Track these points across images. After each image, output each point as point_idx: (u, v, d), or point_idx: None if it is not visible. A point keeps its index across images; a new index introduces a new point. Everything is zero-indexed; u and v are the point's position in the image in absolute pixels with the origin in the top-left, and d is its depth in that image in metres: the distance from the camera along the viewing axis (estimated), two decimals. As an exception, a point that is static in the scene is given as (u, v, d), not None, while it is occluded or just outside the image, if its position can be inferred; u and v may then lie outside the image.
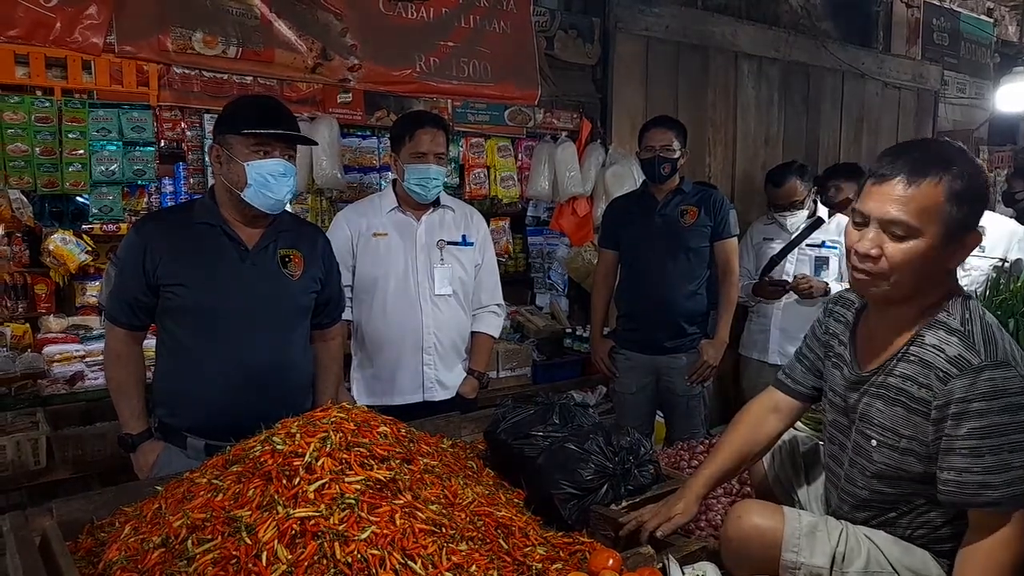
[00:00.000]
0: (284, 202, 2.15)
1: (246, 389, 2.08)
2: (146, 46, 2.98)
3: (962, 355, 1.44)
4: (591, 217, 4.23)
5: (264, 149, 2.06)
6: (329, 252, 2.37)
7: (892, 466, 1.56)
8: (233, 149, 2.05)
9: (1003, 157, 7.35)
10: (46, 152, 2.89)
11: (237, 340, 2.09)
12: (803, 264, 3.75)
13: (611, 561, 1.46)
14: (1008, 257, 3.37)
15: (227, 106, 2.19)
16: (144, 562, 1.38)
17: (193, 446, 2.10)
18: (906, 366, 1.52)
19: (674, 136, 3.30)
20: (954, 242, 1.46)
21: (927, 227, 1.43)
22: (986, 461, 1.40)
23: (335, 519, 1.35)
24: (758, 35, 5.04)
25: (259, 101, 2.28)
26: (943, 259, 1.47)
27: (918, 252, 1.44)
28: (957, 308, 1.51)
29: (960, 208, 1.43)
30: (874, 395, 1.58)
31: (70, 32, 2.82)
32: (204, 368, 2.08)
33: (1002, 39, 7.32)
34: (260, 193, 2.07)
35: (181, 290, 2.07)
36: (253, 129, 2.04)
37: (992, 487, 1.40)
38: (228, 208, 2.13)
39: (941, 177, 1.42)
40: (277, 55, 3.25)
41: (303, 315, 2.26)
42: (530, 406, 2.02)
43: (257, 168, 2.04)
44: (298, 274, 2.20)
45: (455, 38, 3.66)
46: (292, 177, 2.12)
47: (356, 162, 3.74)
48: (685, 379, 3.37)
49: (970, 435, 1.41)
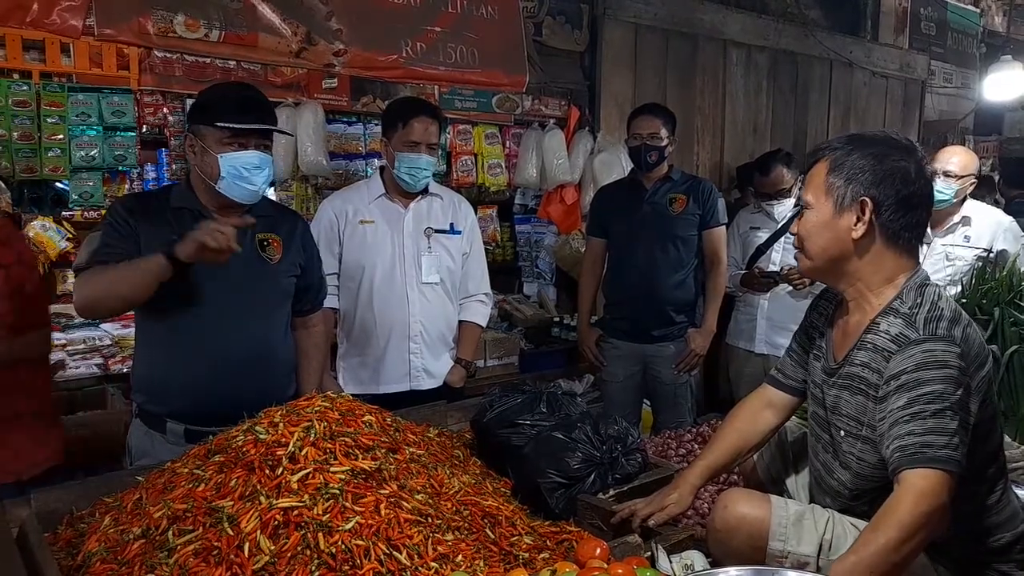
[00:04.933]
0: (260, 192, 2.12)
1: (226, 375, 2.06)
2: (127, 29, 2.92)
3: (902, 332, 1.49)
4: (579, 205, 4.22)
5: (239, 141, 2.02)
6: (309, 238, 2.34)
7: (855, 455, 1.57)
8: (207, 140, 2.02)
9: (988, 147, 7.39)
10: (24, 137, 2.84)
11: (217, 326, 2.06)
12: (790, 253, 3.74)
13: (598, 550, 1.46)
14: (993, 248, 3.38)
15: (201, 95, 2.15)
16: (124, 553, 1.36)
17: (173, 431, 2.07)
18: (863, 354, 1.56)
19: (662, 124, 3.28)
20: (847, 212, 1.55)
21: (817, 199, 1.59)
22: (927, 424, 1.40)
23: (319, 509, 1.33)
24: (747, 23, 5.03)
25: (234, 91, 2.23)
26: (843, 229, 1.56)
27: (811, 221, 1.60)
28: (911, 294, 1.55)
29: (838, 178, 1.56)
30: (841, 386, 1.61)
31: (48, 14, 2.75)
32: (184, 354, 2.05)
33: (989, 29, 7.35)
34: (235, 184, 2.03)
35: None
36: (227, 122, 2.00)
37: (933, 447, 1.39)
38: (204, 195, 2.10)
39: (827, 157, 1.59)
40: (261, 39, 3.19)
41: (283, 300, 2.24)
42: (517, 395, 2.01)
43: (231, 160, 2.01)
44: (277, 258, 2.17)
45: (442, 23, 3.62)
46: (268, 168, 2.08)
47: (341, 148, 3.70)
48: (672, 368, 3.37)
49: (912, 403, 1.42)
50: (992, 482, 1.62)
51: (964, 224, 3.42)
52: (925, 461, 1.39)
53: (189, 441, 1.99)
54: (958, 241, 3.42)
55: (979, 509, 1.60)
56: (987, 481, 1.61)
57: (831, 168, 1.58)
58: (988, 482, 1.61)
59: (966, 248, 3.40)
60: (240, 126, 2.01)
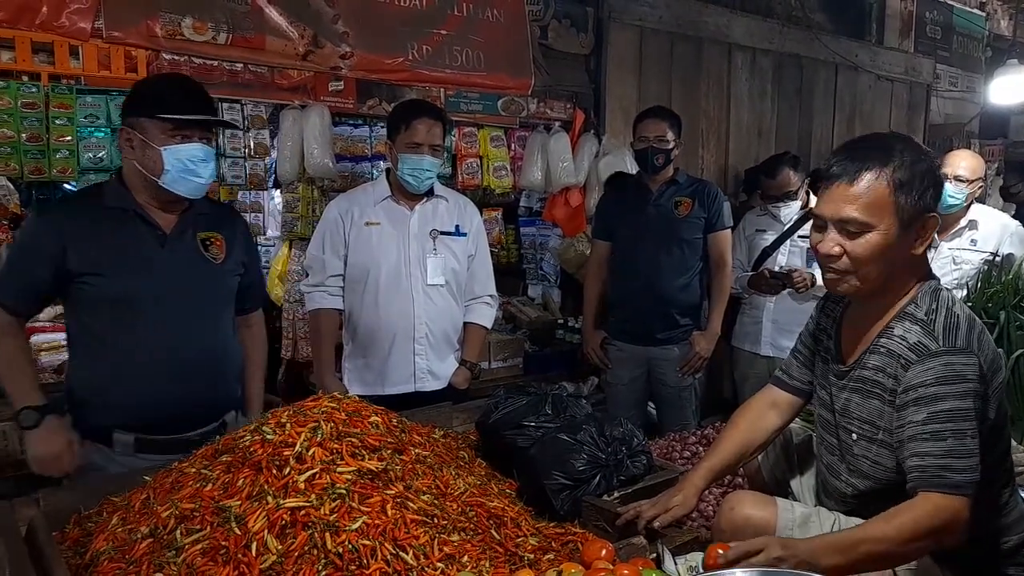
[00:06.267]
0: (207, 186, 2.04)
1: (177, 380, 1.99)
2: (135, 31, 2.93)
3: (921, 342, 1.48)
4: (584, 208, 4.22)
5: (182, 133, 1.94)
6: (249, 235, 2.30)
7: (870, 459, 1.57)
8: (147, 133, 1.93)
9: (994, 151, 7.37)
10: (32, 138, 2.85)
11: (163, 330, 1.98)
12: (795, 256, 3.74)
13: (604, 552, 1.46)
14: (999, 251, 3.37)
15: (137, 86, 2.06)
16: (132, 552, 1.36)
17: (122, 442, 1.97)
18: (877, 358, 1.55)
19: (668, 127, 3.28)
20: (912, 229, 1.49)
21: (879, 220, 1.47)
22: (948, 444, 1.41)
23: (326, 509, 1.34)
24: (752, 26, 5.03)
25: (173, 81, 2.14)
26: (905, 247, 1.50)
27: (876, 244, 1.48)
28: (926, 299, 1.53)
29: (909, 196, 1.47)
30: (852, 390, 1.60)
31: (57, 16, 2.76)
32: (131, 361, 1.96)
33: (994, 33, 7.34)
34: (182, 178, 1.95)
35: (98, 280, 1.94)
36: (169, 113, 1.92)
37: (953, 471, 1.40)
38: (142, 193, 2.00)
39: (882, 170, 1.47)
40: (268, 42, 3.20)
41: (229, 300, 2.17)
42: (522, 397, 2.01)
43: (176, 154, 1.93)
44: (221, 258, 2.11)
45: (448, 26, 3.63)
46: (212, 161, 2.02)
47: (348, 151, 3.71)
48: (677, 371, 3.37)
49: (931, 419, 1.42)
50: (1000, 485, 1.62)
51: (971, 228, 3.42)
52: (945, 486, 1.40)
53: (140, 451, 1.95)
54: (965, 245, 3.42)
55: (987, 512, 1.60)
56: (995, 484, 1.61)
57: (898, 186, 1.46)
58: (996, 485, 1.61)
59: (972, 252, 3.39)
60: (185, 117, 1.93)
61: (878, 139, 1.57)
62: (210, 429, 2.04)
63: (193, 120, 1.96)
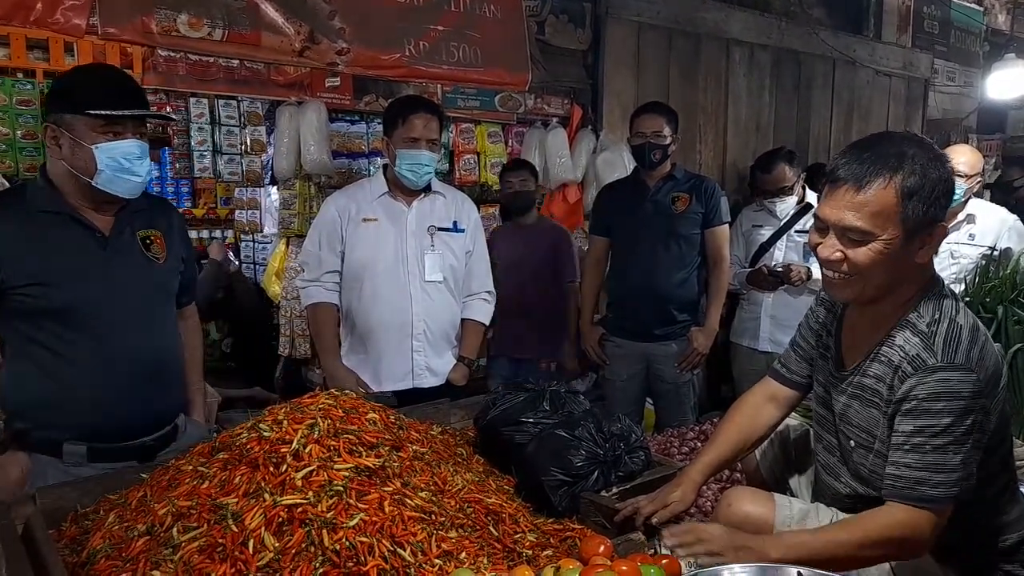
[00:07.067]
0: (145, 183, 1.93)
1: (129, 386, 1.91)
2: (130, 28, 2.93)
3: (919, 355, 1.45)
4: (581, 204, 4.22)
5: (114, 130, 1.83)
6: (185, 227, 2.19)
7: (867, 468, 1.56)
8: (76, 131, 1.81)
9: (991, 146, 7.37)
10: (28, 136, 2.85)
11: (111, 336, 1.89)
12: (792, 251, 3.74)
13: (602, 547, 1.46)
14: (998, 246, 3.37)
15: (61, 80, 1.95)
16: (129, 550, 1.36)
17: (73, 452, 1.89)
18: (877, 367, 1.53)
19: (665, 122, 3.28)
20: (917, 239, 1.44)
21: (883, 230, 1.41)
22: (927, 459, 1.41)
23: (323, 506, 1.33)
24: (750, 21, 5.02)
25: (100, 74, 2.02)
26: (910, 256, 1.45)
27: (878, 253, 1.42)
28: (929, 309, 1.49)
29: (917, 205, 1.40)
30: (852, 396, 1.59)
31: (52, 12, 2.76)
32: (79, 371, 1.87)
33: (992, 28, 7.33)
34: (117, 178, 1.85)
35: (38, 290, 1.82)
36: (99, 109, 1.81)
37: (928, 484, 1.40)
38: (73, 194, 1.88)
39: (891, 178, 1.40)
40: (264, 38, 3.20)
41: (172, 299, 2.10)
42: (520, 393, 2.01)
43: (109, 151, 1.82)
44: (163, 256, 2.02)
45: (445, 22, 3.62)
46: (147, 157, 1.91)
47: (345, 147, 3.70)
48: (675, 366, 3.37)
49: (917, 432, 1.42)
50: (1001, 485, 1.62)
51: (969, 222, 3.42)
52: (914, 499, 1.41)
53: (94, 460, 1.89)
54: (963, 239, 3.42)
55: (987, 511, 1.60)
56: (996, 484, 1.60)
57: (905, 195, 1.39)
58: (997, 485, 1.61)
59: (971, 246, 3.39)
60: (117, 113, 1.82)
61: (890, 142, 1.46)
62: (164, 433, 2.01)
63: (125, 115, 1.85)
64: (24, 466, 1.89)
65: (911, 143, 1.45)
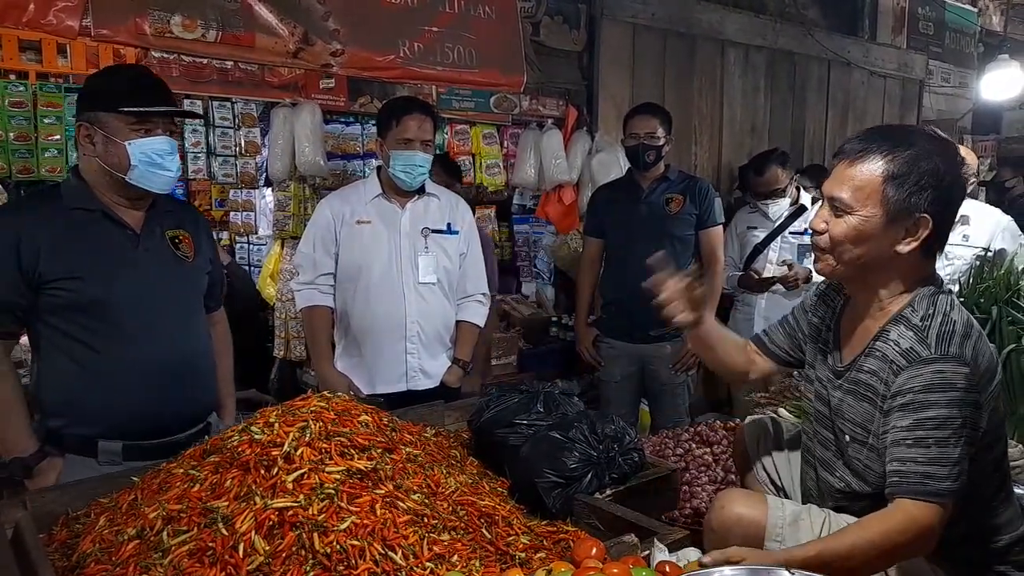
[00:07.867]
0: (175, 179, 1.99)
1: (163, 383, 1.94)
2: (123, 29, 2.91)
3: (913, 348, 1.45)
4: (577, 205, 4.22)
5: (145, 127, 1.89)
6: (210, 231, 2.26)
7: (862, 462, 1.56)
8: (109, 128, 1.86)
9: (986, 146, 7.39)
10: (21, 137, 2.84)
11: (144, 331, 1.93)
12: (786, 252, 3.75)
13: (595, 550, 1.45)
14: (992, 246, 3.37)
15: (92, 80, 2.01)
16: (119, 554, 1.35)
17: (109, 451, 1.92)
18: (872, 362, 1.53)
19: (659, 123, 3.28)
20: (897, 225, 1.46)
21: (863, 206, 1.46)
22: (932, 452, 1.40)
23: (314, 509, 1.33)
24: (745, 23, 5.03)
25: (132, 73, 2.08)
26: (888, 241, 1.48)
27: (853, 228, 1.47)
28: (923, 304, 1.51)
29: (899, 190, 1.44)
30: (847, 391, 1.59)
31: (44, 14, 2.74)
32: (112, 368, 1.89)
33: (986, 28, 7.35)
34: (149, 172, 1.90)
35: (74, 284, 1.85)
36: (132, 106, 1.86)
37: (935, 479, 1.39)
38: (106, 191, 1.93)
39: (882, 158, 1.45)
40: (258, 39, 3.18)
41: (201, 298, 2.13)
42: (514, 395, 2.00)
43: (142, 147, 1.87)
44: (192, 255, 2.07)
45: (439, 23, 3.62)
46: (177, 153, 1.98)
47: (339, 149, 3.70)
48: (670, 367, 3.37)
49: (917, 426, 1.41)
50: (995, 486, 1.61)
51: (963, 223, 3.42)
52: (924, 494, 1.40)
53: (128, 459, 1.90)
54: (956, 240, 3.42)
55: (981, 512, 1.60)
56: (990, 485, 1.60)
57: (890, 176, 1.44)
58: (991, 486, 1.60)
59: (964, 247, 3.39)
60: (149, 109, 1.88)
61: (902, 131, 1.53)
62: (197, 431, 2.03)
63: (157, 112, 1.91)
64: (59, 471, 1.91)
65: (921, 136, 1.50)
